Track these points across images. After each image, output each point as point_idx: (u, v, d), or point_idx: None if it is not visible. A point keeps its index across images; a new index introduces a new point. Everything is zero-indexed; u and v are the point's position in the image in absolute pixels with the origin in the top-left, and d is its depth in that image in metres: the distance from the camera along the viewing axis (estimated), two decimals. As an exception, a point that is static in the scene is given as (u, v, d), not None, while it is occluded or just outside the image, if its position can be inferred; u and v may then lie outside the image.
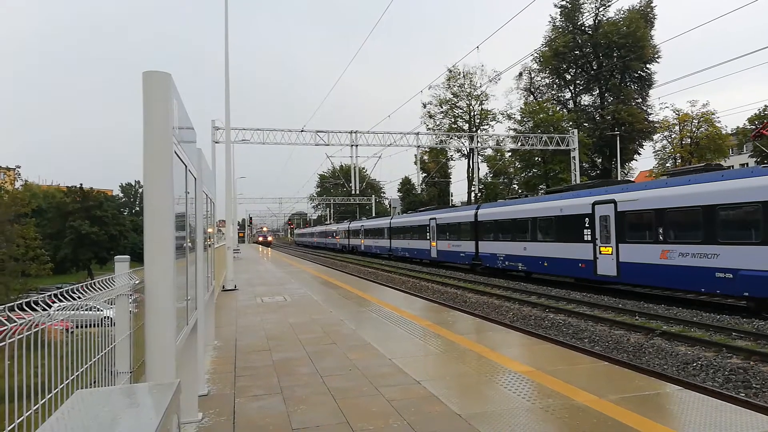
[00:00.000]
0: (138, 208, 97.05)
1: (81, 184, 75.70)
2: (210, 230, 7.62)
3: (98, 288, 3.35)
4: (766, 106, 49.80)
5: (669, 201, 16.29)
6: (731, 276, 14.21)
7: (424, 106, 61.70)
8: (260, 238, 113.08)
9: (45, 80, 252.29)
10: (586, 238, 19.82)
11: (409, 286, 25.18)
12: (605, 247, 18.84)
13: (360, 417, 4.99)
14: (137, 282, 3.80)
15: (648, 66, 52.29)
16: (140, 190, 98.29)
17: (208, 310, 7.90)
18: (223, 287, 16.97)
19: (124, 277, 3.72)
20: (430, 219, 35.96)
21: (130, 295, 3.83)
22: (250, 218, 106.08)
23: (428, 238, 36.11)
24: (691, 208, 15.50)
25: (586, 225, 19.82)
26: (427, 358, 7.37)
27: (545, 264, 22.68)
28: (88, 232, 69.74)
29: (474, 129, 57.99)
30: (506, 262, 25.85)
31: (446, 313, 11.73)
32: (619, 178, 42.42)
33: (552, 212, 22.20)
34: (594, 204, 19.48)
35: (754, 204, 13.73)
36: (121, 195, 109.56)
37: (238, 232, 64.09)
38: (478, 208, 29.93)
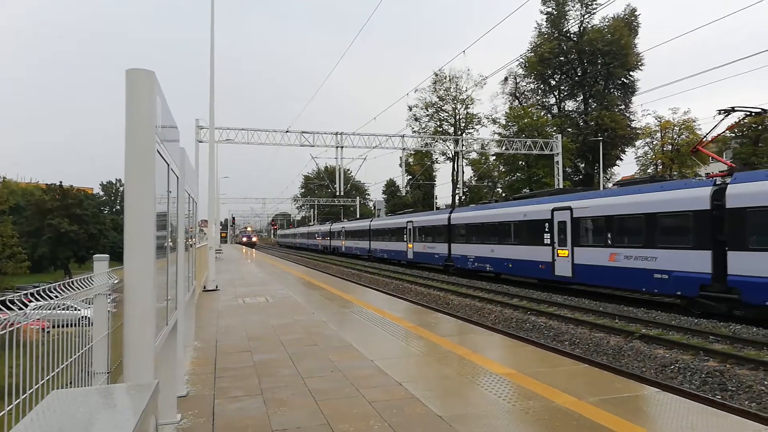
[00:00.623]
0: (119, 207, 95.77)
1: (61, 182, 74.63)
2: (192, 230, 7.56)
3: (76, 287, 3.31)
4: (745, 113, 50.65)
5: (616, 209, 17.86)
6: (666, 277, 15.77)
7: (410, 109, 61.91)
8: (244, 239, 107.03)
9: (43, 81, 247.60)
10: (545, 242, 21.23)
11: (392, 288, 25.20)
12: (562, 249, 20.27)
13: (341, 418, 4.98)
14: (116, 281, 3.76)
15: (631, 73, 52.98)
16: (121, 189, 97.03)
17: (189, 310, 7.83)
18: (205, 287, 16.83)
19: (103, 276, 3.68)
20: (407, 222, 37.28)
21: (109, 294, 3.79)
22: (233, 218, 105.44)
23: (405, 240, 37.53)
24: (635, 216, 17.12)
25: (546, 229, 21.25)
26: (409, 360, 7.37)
27: (510, 265, 24.10)
28: (67, 230, 68.73)
29: (459, 132, 58.26)
30: (476, 264, 27.24)
31: (428, 315, 11.76)
32: (601, 183, 42.91)
33: (516, 217, 23.71)
34: (553, 210, 20.96)
35: (686, 213, 15.33)
36: (101, 193, 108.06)
37: (221, 232, 63.59)
38: (451, 212, 31.32)
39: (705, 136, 21.93)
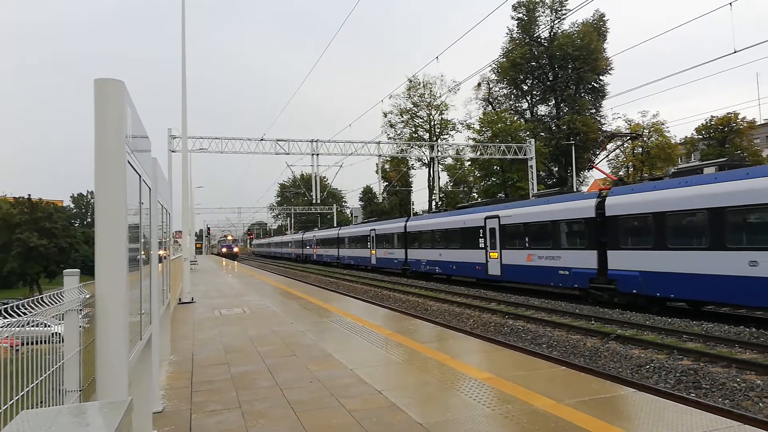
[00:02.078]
0: (90, 220, 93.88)
1: (29, 195, 72.80)
2: (166, 241, 7.44)
3: (47, 303, 3.22)
4: (712, 116, 52.17)
5: (531, 217, 21.15)
6: (567, 273, 18.96)
7: (385, 115, 62.08)
8: (224, 249, 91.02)
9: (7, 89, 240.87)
10: (480, 246, 24.48)
11: (371, 296, 25.15)
12: (493, 252, 23.53)
13: (320, 429, 4.94)
14: (88, 296, 3.67)
15: (601, 77, 54.07)
16: (92, 201, 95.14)
17: (164, 324, 7.70)
18: (180, 300, 16.57)
19: (74, 291, 3.58)
20: (371, 230, 40.31)
21: (80, 310, 3.70)
22: (208, 229, 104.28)
23: (369, 247, 40.37)
24: (543, 223, 20.35)
25: (481, 235, 24.46)
26: (388, 368, 7.35)
27: (454, 267, 27.37)
28: (37, 244, 66.92)
29: (434, 138, 58.61)
30: (428, 267, 30.43)
31: (408, 322, 11.75)
32: (574, 186, 43.56)
33: (458, 225, 26.82)
34: (485, 218, 24.15)
35: (579, 220, 18.54)
36: (72, 206, 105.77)
37: (196, 243, 62.72)
38: (407, 221, 34.46)
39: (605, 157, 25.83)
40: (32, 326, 3.07)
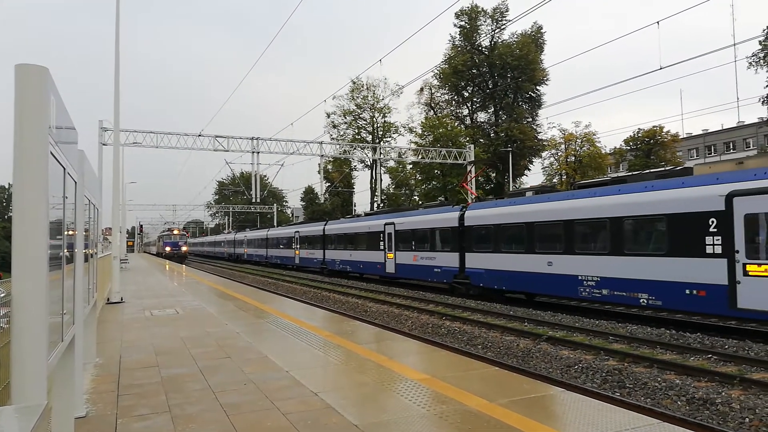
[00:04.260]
0: (11, 214, 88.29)
1: (-58, 186, 67.72)
2: (93, 238, 7.09)
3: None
4: (639, 129, 55.05)
5: (417, 224, 25.42)
6: (440, 270, 23.22)
7: (328, 116, 61.81)
8: (167, 248, 68.05)
9: None
10: (381, 248, 28.38)
11: (310, 297, 24.92)
12: (390, 253, 27.52)
13: (254, 433, 4.83)
14: (3, 295, 3.44)
15: (538, 87, 55.94)
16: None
17: (89, 324, 7.33)
18: (108, 300, 15.85)
19: (-12, 289, 3.35)
20: (295, 232, 44.13)
21: (-6, 309, 3.46)
22: (141, 226, 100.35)
23: (294, 247, 44.09)
24: (425, 229, 24.68)
25: (381, 239, 28.32)
26: (325, 369, 7.30)
27: (361, 266, 31.10)
28: (-50, 239, 62.40)
29: (377, 141, 58.84)
30: (341, 266, 34.10)
31: (347, 323, 11.71)
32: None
33: (365, 229, 30.73)
34: (384, 224, 28.08)
35: (446, 228, 22.93)
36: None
37: (127, 241, 60.21)
38: (325, 225, 38.04)
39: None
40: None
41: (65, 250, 4.04)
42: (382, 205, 54.58)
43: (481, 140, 52.38)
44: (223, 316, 12.68)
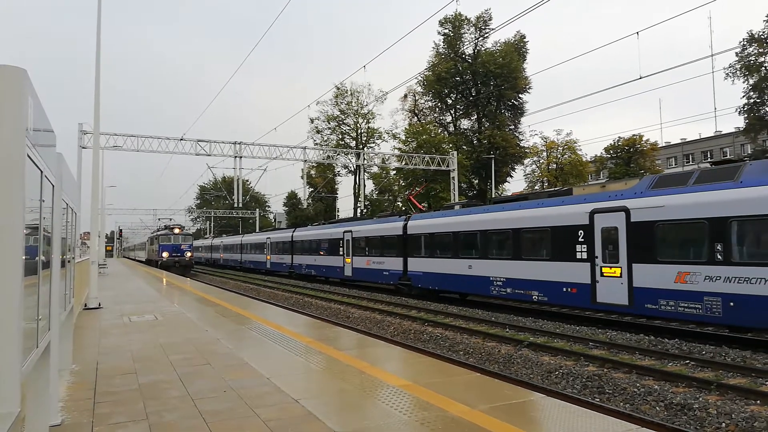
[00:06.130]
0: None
1: None
2: (70, 243, 6.98)
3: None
4: (619, 137, 55.85)
5: (370, 232, 28.25)
6: (388, 273, 25.99)
7: (312, 121, 61.71)
8: (165, 254, 48.55)
9: None
10: (340, 253, 31.18)
11: (292, 303, 24.78)
12: (348, 258, 30.32)
13: (234, 440, 4.77)
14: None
15: (520, 95, 56.46)
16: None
17: (65, 330, 7.19)
18: (86, 306, 15.58)
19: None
20: (267, 238, 47.04)
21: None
22: (120, 230, 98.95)
23: (265, 252, 46.80)
24: (375, 236, 27.53)
25: (341, 245, 31.15)
26: (307, 376, 7.25)
27: (324, 269, 33.97)
28: None
29: (361, 146, 58.89)
30: (306, 269, 36.88)
31: (329, 330, 11.66)
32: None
33: (326, 236, 33.72)
34: (344, 232, 31.01)
35: (393, 236, 25.78)
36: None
37: (106, 246, 59.30)
38: (293, 231, 41.05)
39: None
40: None
41: (41, 255, 3.96)
42: (365, 210, 54.59)
43: (464, 147, 52.68)
44: (203, 322, 12.53)
